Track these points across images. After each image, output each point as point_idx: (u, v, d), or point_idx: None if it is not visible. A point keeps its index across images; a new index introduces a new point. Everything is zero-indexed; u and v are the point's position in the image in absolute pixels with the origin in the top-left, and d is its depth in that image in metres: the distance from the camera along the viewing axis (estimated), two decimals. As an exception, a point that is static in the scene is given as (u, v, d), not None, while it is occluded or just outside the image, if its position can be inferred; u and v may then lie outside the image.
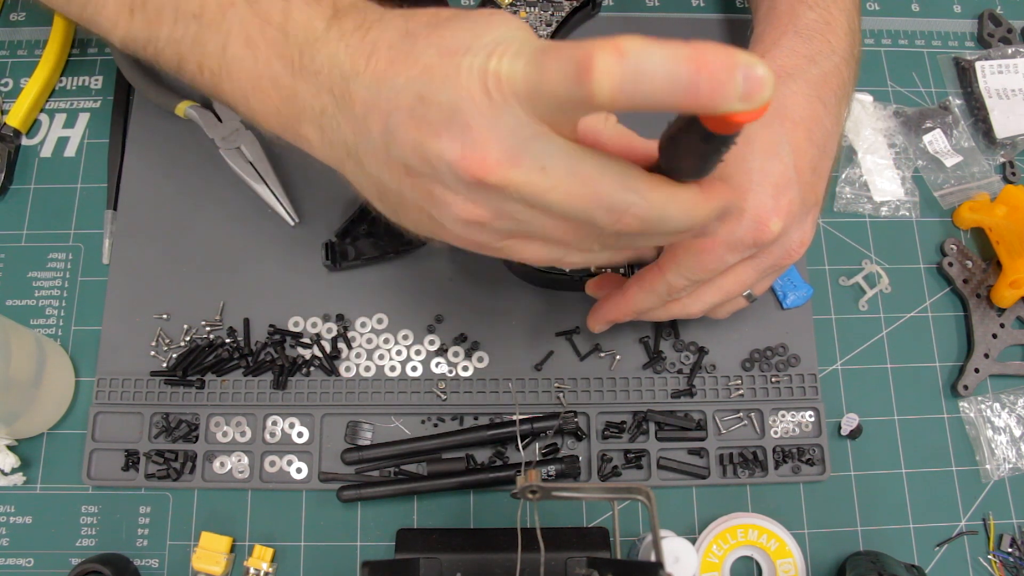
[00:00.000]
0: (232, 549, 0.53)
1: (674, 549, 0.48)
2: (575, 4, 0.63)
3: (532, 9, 0.62)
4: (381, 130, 0.34)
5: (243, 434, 0.55)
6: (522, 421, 0.54)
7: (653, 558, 0.38)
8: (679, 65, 0.28)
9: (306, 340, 0.57)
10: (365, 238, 0.57)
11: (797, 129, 0.45)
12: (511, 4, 0.62)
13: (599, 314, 0.51)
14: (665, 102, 0.29)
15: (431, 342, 0.57)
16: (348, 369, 0.57)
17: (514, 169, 0.32)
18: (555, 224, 0.35)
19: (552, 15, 0.62)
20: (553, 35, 0.62)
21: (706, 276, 0.44)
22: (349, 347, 0.57)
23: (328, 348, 0.57)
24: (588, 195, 0.32)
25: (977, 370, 0.58)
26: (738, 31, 0.66)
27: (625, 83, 0.28)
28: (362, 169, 0.38)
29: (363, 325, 0.58)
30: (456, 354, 0.57)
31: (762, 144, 0.44)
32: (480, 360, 0.57)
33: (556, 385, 0.57)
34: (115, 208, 0.60)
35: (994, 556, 0.55)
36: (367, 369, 0.57)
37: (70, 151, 0.62)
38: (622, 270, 0.54)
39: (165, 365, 0.56)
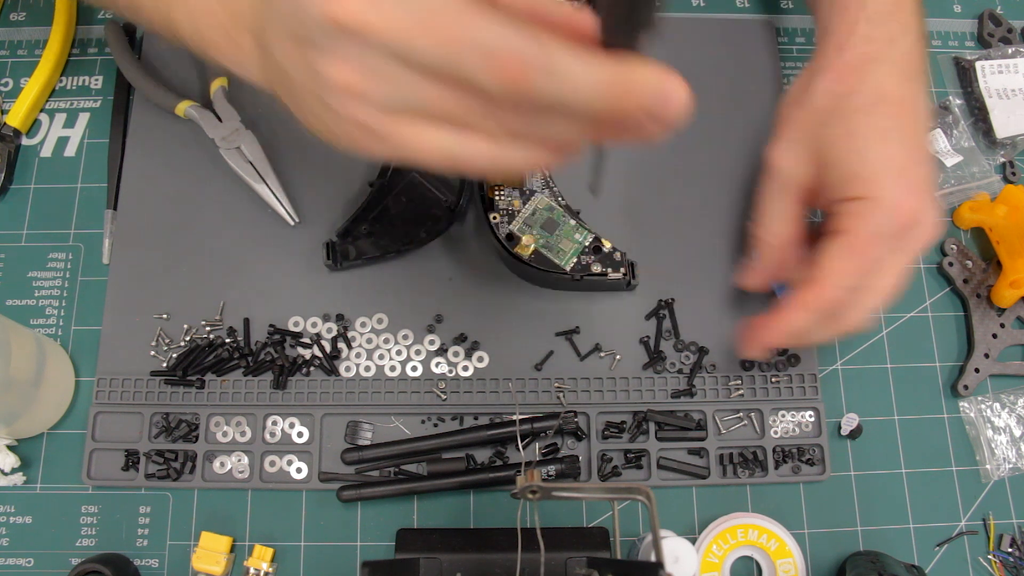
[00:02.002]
0: (232, 549, 0.53)
1: (674, 549, 0.48)
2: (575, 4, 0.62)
3: (532, 9, 0.62)
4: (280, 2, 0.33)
5: (243, 434, 0.55)
6: (522, 421, 0.54)
7: (653, 558, 0.39)
8: None
9: (306, 340, 0.57)
10: (365, 238, 0.58)
11: (902, 113, 0.45)
12: (511, 4, 0.62)
13: (756, 338, 0.50)
14: None
15: (431, 342, 0.57)
16: (348, 369, 0.57)
17: (367, 5, 0.28)
18: (433, 87, 0.30)
19: (552, 15, 0.62)
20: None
21: (863, 281, 0.44)
22: (349, 347, 0.57)
23: (328, 348, 0.57)
24: (456, 30, 0.28)
25: (977, 370, 0.58)
26: (738, 31, 0.66)
27: None
28: (267, 47, 0.36)
29: (363, 325, 0.58)
30: (456, 354, 0.57)
31: (872, 132, 0.44)
32: (480, 360, 0.57)
33: (556, 385, 0.57)
34: (115, 208, 0.60)
35: (994, 556, 0.55)
36: (367, 369, 0.57)
37: (70, 151, 0.62)
38: None
39: (165, 365, 0.56)
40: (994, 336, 0.59)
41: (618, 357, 0.58)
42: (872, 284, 0.46)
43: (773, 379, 0.57)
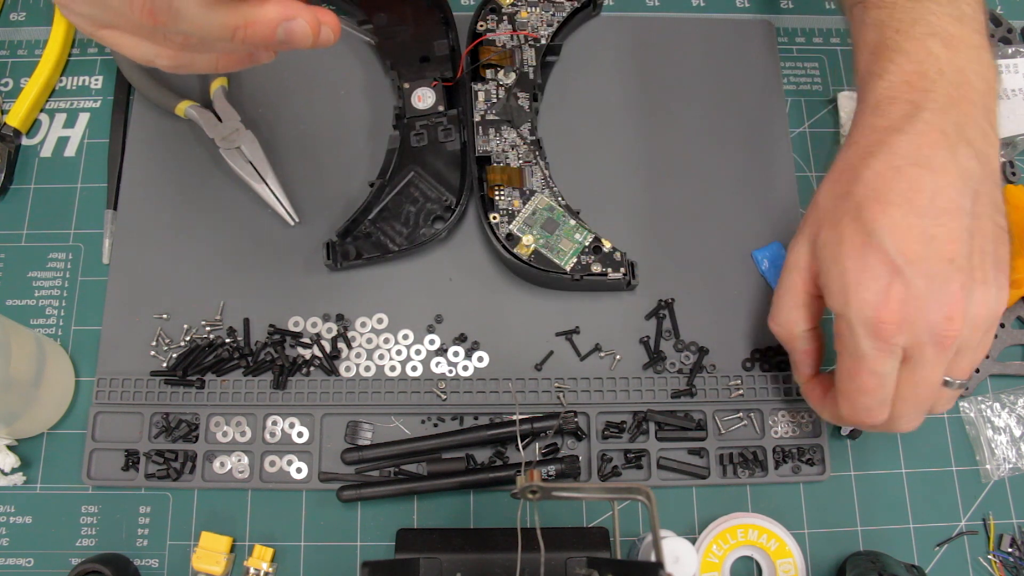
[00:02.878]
0: (232, 549, 0.53)
1: (674, 549, 0.48)
2: (576, 4, 0.63)
3: (533, 9, 0.62)
4: None
5: (243, 434, 0.55)
6: (522, 421, 0.54)
7: (653, 558, 0.39)
8: None
9: (306, 340, 0.57)
10: (365, 238, 0.58)
11: (889, 209, 0.42)
12: (512, 4, 0.62)
13: (824, 412, 0.52)
14: None
15: (431, 342, 0.57)
16: (348, 369, 0.57)
17: None
18: (108, 11, 0.37)
19: (553, 15, 0.62)
20: (554, 35, 0.62)
21: (879, 395, 0.43)
22: (349, 347, 0.57)
23: (328, 348, 0.57)
24: None
25: (977, 370, 0.58)
26: (738, 31, 0.66)
27: None
28: None
29: (363, 325, 0.58)
30: (456, 354, 0.57)
31: (854, 239, 0.42)
32: (480, 360, 0.57)
33: (556, 385, 0.57)
34: (115, 208, 0.60)
35: (994, 556, 0.55)
36: (367, 369, 0.57)
37: (70, 151, 0.62)
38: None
39: (165, 365, 0.56)
40: (994, 336, 0.59)
41: (618, 357, 0.58)
42: (901, 394, 0.44)
43: (773, 382, 0.57)
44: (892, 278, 0.41)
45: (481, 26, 0.62)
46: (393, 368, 0.57)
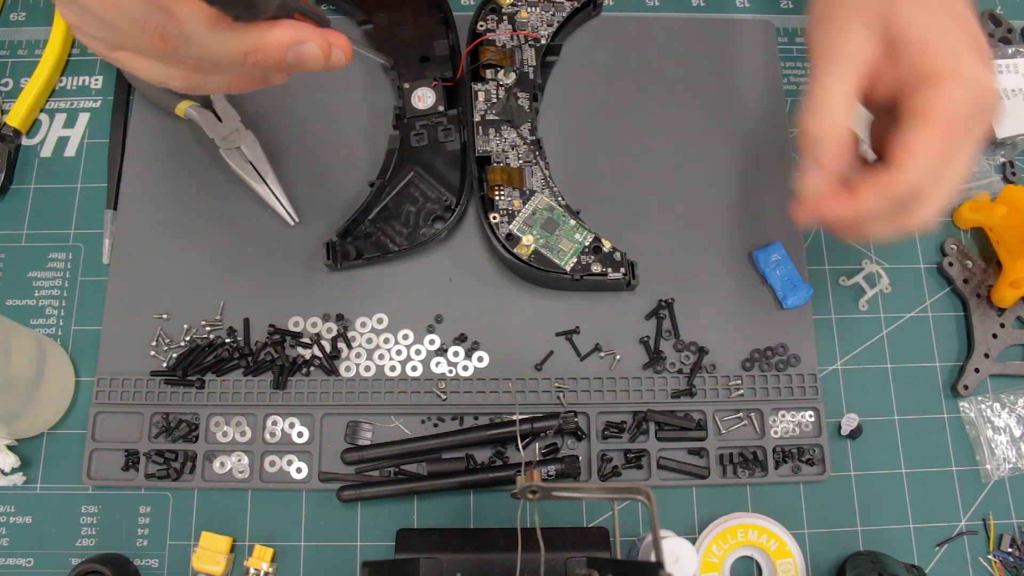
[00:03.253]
0: (232, 549, 0.53)
1: (674, 549, 0.48)
2: (576, 4, 0.63)
3: (533, 9, 0.62)
4: None
5: (243, 434, 0.55)
6: (522, 421, 0.54)
7: (653, 558, 0.39)
8: None
9: (306, 340, 0.57)
10: (365, 238, 0.58)
11: None
12: (512, 4, 0.62)
13: (815, 206, 0.45)
14: None
15: (431, 342, 0.57)
16: (348, 369, 0.57)
17: None
18: (121, 34, 0.38)
19: (553, 15, 0.62)
20: (554, 35, 0.62)
21: (943, 167, 0.42)
22: (349, 347, 0.57)
23: (328, 348, 0.57)
24: (114, 3, 0.36)
25: (977, 370, 0.58)
26: (738, 31, 0.66)
27: None
28: None
29: (363, 325, 0.58)
30: (456, 354, 0.57)
31: (943, 9, 0.43)
32: (480, 360, 0.57)
33: (556, 385, 0.57)
34: (115, 208, 0.60)
35: (994, 556, 0.55)
36: (367, 369, 0.57)
37: (70, 151, 0.62)
38: None
39: (165, 365, 0.56)
40: (994, 336, 0.59)
41: (618, 357, 0.58)
42: (947, 172, 0.43)
43: (773, 385, 0.57)
44: (983, 52, 0.43)
45: (481, 26, 0.62)
46: (393, 368, 0.57)
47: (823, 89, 0.45)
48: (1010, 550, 0.55)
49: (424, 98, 0.60)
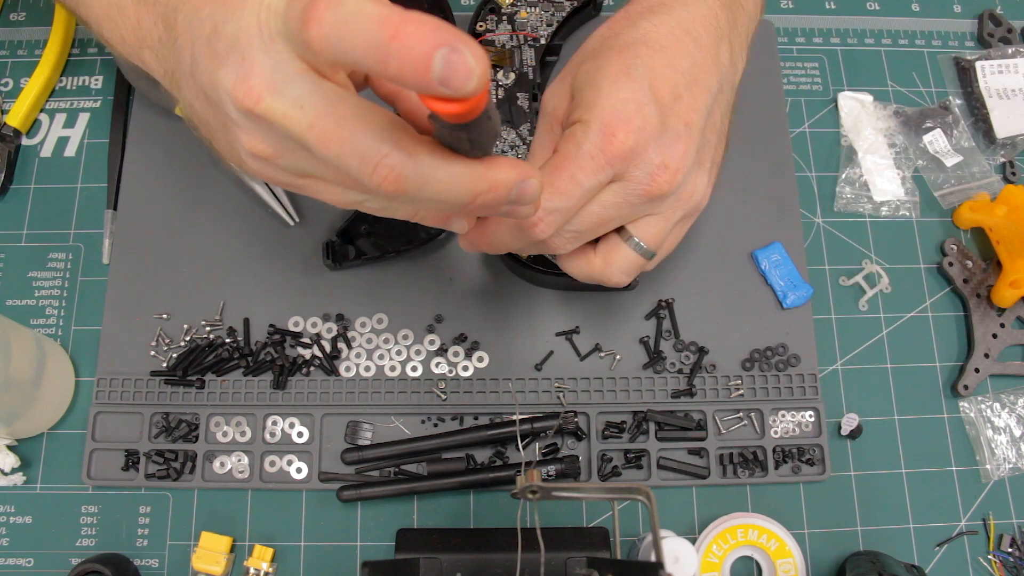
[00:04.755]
0: (232, 549, 0.53)
1: (674, 549, 0.48)
2: (575, 4, 0.63)
3: (533, 9, 0.62)
4: (189, 58, 0.36)
5: (243, 434, 0.55)
6: (522, 421, 0.54)
7: (653, 558, 0.38)
8: (379, 28, 0.27)
9: (306, 340, 0.57)
10: (365, 238, 0.57)
11: (655, 54, 0.43)
12: (512, 4, 0.62)
13: (467, 237, 0.46)
14: (362, 62, 0.28)
15: (431, 342, 0.57)
16: (348, 369, 0.57)
17: (275, 103, 0.32)
18: (327, 168, 0.34)
19: (553, 15, 0.62)
20: (554, 35, 0.62)
21: (563, 202, 0.42)
22: (349, 347, 0.57)
23: (328, 348, 0.57)
24: (342, 139, 0.32)
25: (977, 370, 0.58)
26: (738, 31, 0.66)
27: (331, 33, 0.28)
28: (182, 95, 0.39)
29: (363, 325, 0.58)
30: (456, 354, 0.57)
31: (615, 66, 0.42)
32: (480, 360, 0.57)
33: (556, 385, 0.57)
34: (115, 208, 0.60)
35: (994, 556, 0.55)
36: (367, 369, 0.57)
37: (70, 151, 0.62)
38: None
39: (165, 365, 0.56)
40: (994, 336, 0.59)
41: (618, 357, 0.58)
42: (580, 210, 0.43)
43: (773, 385, 0.57)
44: (640, 107, 0.42)
45: (481, 26, 0.62)
46: (393, 368, 0.57)
47: (536, 144, 0.47)
48: (1010, 550, 0.55)
49: (424, 98, 0.60)
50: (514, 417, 0.55)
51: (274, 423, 0.56)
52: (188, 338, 0.57)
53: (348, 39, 0.27)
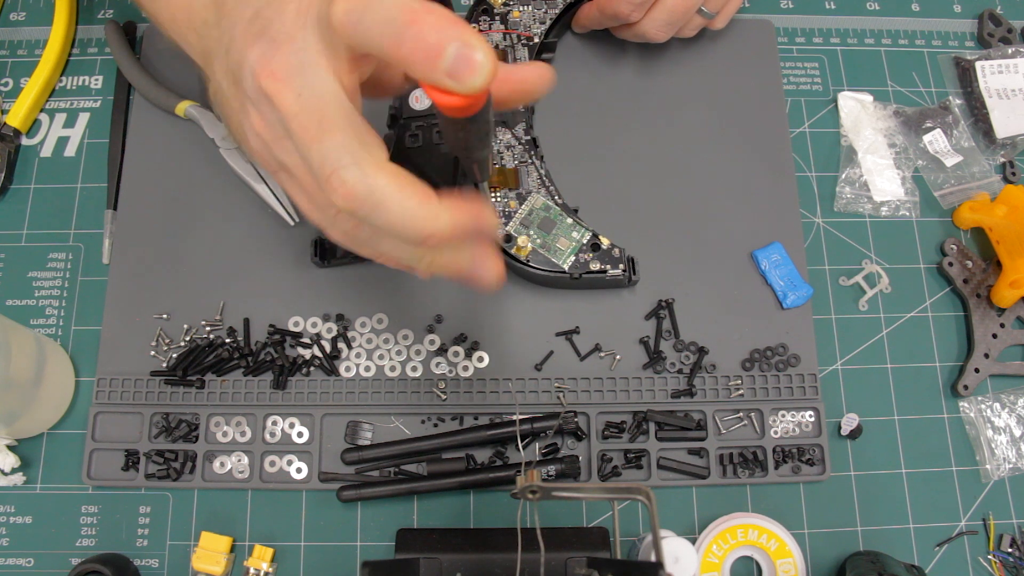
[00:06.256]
0: (232, 549, 0.53)
1: (674, 549, 0.48)
2: (568, 0, 0.62)
3: (525, 8, 0.62)
4: (228, 38, 0.37)
5: (243, 434, 0.55)
6: (522, 421, 0.54)
7: (653, 558, 0.39)
8: (400, 11, 0.28)
9: (306, 340, 0.57)
10: (365, 238, 0.57)
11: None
12: (504, 4, 0.62)
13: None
14: (378, 43, 0.28)
15: (431, 342, 0.57)
16: (348, 369, 0.57)
17: (283, 85, 0.33)
18: (297, 161, 0.35)
19: (546, 12, 0.62)
20: (547, 33, 0.62)
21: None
22: (349, 347, 0.57)
23: (328, 348, 0.57)
24: (312, 136, 0.33)
25: (977, 370, 0.58)
26: (738, 31, 0.66)
27: (354, 11, 0.29)
28: (213, 74, 0.40)
29: (363, 325, 0.58)
30: (456, 354, 0.57)
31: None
32: (480, 360, 0.57)
33: (556, 385, 0.57)
34: (115, 208, 0.60)
35: (994, 556, 0.55)
36: (367, 369, 0.57)
37: (70, 151, 0.62)
38: None
39: (165, 365, 0.56)
40: (994, 336, 0.59)
41: (618, 357, 0.58)
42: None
43: (773, 384, 0.57)
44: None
45: (474, 28, 0.62)
46: (393, 368, 0.57)
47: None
48: (1010, 550, 0.55)
49: (422, 99, 0.60)
50: (514, 417, 0.55)
51: (274, 423, 0.56)
52: (188, 338, 0.57)
53: (369, 17, 0.28)
